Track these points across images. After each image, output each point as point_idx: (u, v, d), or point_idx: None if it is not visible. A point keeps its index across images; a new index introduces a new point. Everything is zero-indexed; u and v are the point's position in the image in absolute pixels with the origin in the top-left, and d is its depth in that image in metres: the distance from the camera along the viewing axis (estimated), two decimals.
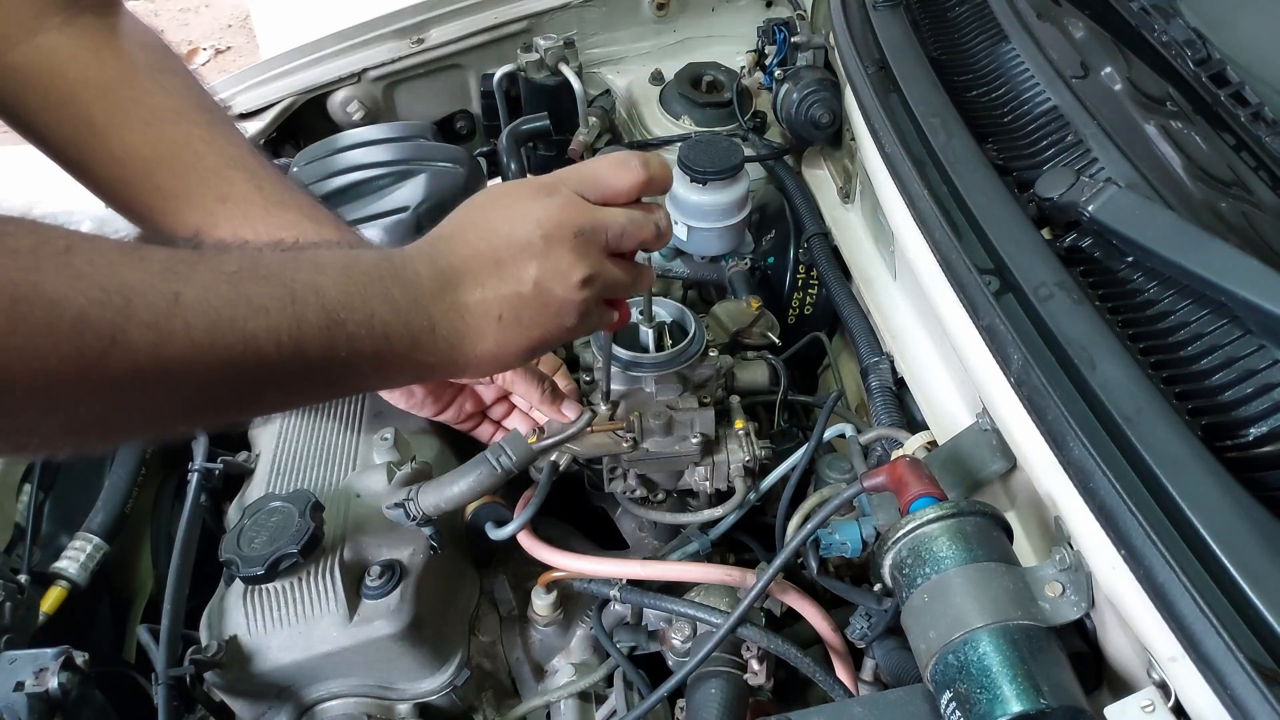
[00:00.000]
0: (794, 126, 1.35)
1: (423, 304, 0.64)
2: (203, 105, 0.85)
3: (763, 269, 1.37)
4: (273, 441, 1.00)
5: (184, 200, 0.82)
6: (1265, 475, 0.67)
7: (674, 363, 0.95)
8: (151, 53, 0.84)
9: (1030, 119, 1.04)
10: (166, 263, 0.50)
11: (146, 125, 0.80)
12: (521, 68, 1.52)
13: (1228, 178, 0.93)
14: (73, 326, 0.44)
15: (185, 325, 0.49)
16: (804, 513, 0.94)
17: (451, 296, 0.65)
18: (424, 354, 0.64)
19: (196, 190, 0.82)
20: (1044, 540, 0.79)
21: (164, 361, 0.48)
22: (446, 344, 0.65)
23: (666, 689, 0.82)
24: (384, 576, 0.84)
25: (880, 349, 1.12)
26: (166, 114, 0.81)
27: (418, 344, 0.63)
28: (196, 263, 0.52)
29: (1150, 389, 0.71)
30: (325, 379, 0.59)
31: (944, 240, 0.91)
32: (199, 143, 0.82)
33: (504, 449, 0.87)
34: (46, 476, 1.01)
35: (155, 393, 0.50)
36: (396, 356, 0.62)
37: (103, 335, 0.46)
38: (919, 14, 1.28)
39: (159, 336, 0.48)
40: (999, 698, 0.60)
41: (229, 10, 5.16)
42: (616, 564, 0.90)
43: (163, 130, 0.81)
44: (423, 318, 0.63)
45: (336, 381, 0.62)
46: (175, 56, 0.86)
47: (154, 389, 0.49)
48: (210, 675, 0.81)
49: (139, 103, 0.80)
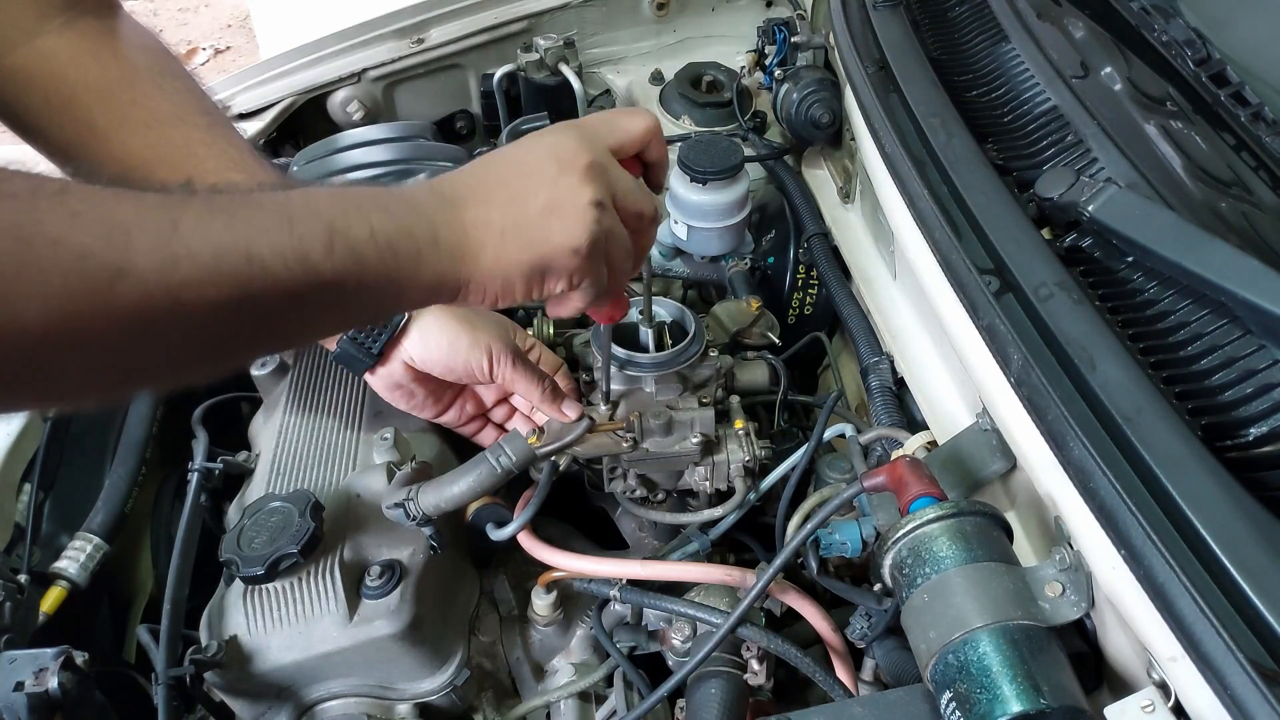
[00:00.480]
0: (794, 126, 1.35)
1: (424, 216, 0.63)
2: (203, 108, 0.85)
3: (763, 269, 1.37)
4: (273, 441, 1.00)
5: None
6: (1265, 475, 0.67)
7: (674, 363, 0.95)
8: (152, 55, 0.84)
9: (1030, 119, 1.04)
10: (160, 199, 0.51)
11: (147, 128, 0.80)
12: (521, 68, 1.52)
13: (1228, 178, 0.93)
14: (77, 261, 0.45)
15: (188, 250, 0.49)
16: (804, 513, 0.94)
17: (452, 212, 0.65)
18: (430, 268, 0.63)
19: None
20: (1044, 540, 0.79)
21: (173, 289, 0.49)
22: (450, 257, 0.64)
23: (666, 689, 0.82)
24: (384, 576, 0.84)
25: (880, 349, 1.12)
26: (167, 117, 0.81)
27: (422, 256, 0.62)
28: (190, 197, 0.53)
29: (1150, 389, 0.71)
30: (338, 299, 0.58)
31: (944, 240, 0.91)
32: (199, 145, 0.82)
33: (504, 449, 0.87)
34: (46, 476, 1.01)
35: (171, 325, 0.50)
36: (403, 271, 0.61)
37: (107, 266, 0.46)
38: (919, 14, 1.28)
39: (163, 262, 0.48)
40: (999, 698, 0.60)
41: (229, 10, 5.16)
42: (616, 564, 0.90)
43: (163, 133, 0.81)
44: (424, 228, 0.63)
45: (350, 303, 0.60)
46: (175, 59, 0.86)
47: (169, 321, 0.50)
48: (210, 675, 0.81)
49: (140, 105, 0.80)
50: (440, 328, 0.91)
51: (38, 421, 1.01)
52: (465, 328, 0.91)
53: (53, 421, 1.02)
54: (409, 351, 0.91)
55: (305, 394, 1.05)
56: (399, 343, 0.91)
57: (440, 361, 0.92)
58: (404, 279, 0.61)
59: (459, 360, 0.91)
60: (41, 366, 0.46)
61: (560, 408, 0.93)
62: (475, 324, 0.92)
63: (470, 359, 0.91)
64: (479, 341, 0.91)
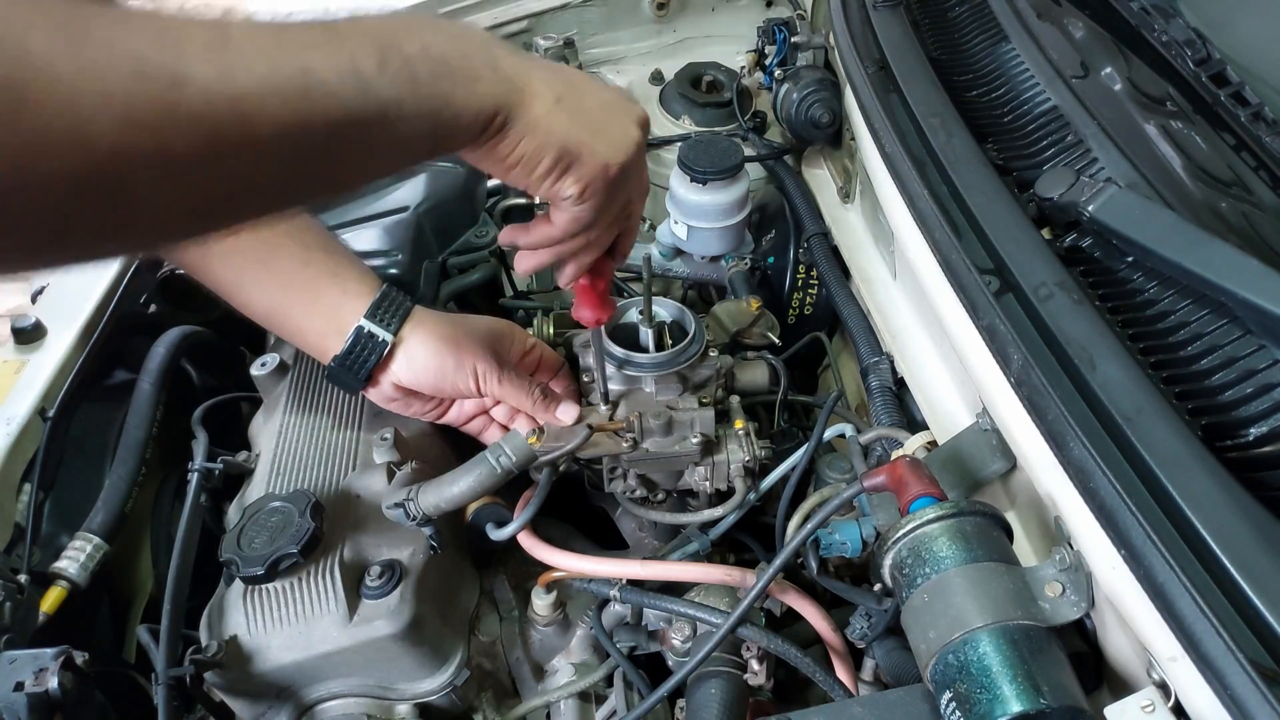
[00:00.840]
0: (794, 126, 1.35)
1: (484, 47, 0.63)
2: None
3: (763, 269, 1.37)
4: (273, 441, 1.00)
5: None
6: (1265, 475, 0.67)
7: (674, 363, 0.95)
8: None
9: (1030, 119, 1.04)
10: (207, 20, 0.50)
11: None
12: None
13: (1228, 178, 0.93)
14: (135, 64, 0.44)
15: (243, 62, 0.49)
16: (804, 513, 0.94)
17: (515, 57, 0.65)
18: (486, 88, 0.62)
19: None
20: (1044, 540, 0.79)
21: (234, 100, 0.48)
22: (506, 84, 0.64)
23: (666, 689, 0.82)
24: (384, 576, 0.84)
25: (880, 349, 1.12)
26: None
27: (478, 76, 0.62)
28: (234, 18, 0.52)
29: (1150, 389, 0.71)
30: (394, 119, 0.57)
31: (944, 240, 0.91)
32: None
33: (504, 449, 0.87)
34: (46, 476, 1.01)
35: (238, 143, 0.49)
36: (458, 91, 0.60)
37: (165, 70, 0.45)
38: (919, 14, 1.28)
39: (221, 72, 0.47)
40: (999, 698, 0.60)
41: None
42: (616, 564, 0.90)
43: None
44: (482, 55, 0.63)
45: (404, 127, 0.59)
46: None
47: (235, 137, 0.49)
48: (210, 675, 0.81)
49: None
50: (426, 351, 0.90)
51: (38, 421, 1.01)
52: (450, 350, 0.90)
53: (53, 421, 1.02)
54: (396, 375, 0.91)
55: (305, 394, 1.05)
56: (386, 366, 0.90)
57: (428, 383, 0.92)
58: (458, 101, 0.60)
59: (446, 382, 0.91)
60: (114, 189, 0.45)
61: (553, 411, 0.93)
62: (461, 345, 0.91)
63: (457, 380, 0.91)
64: (464, 364, 0.90)
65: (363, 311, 0.88)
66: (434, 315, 0.93)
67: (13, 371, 1.06)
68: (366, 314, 0.88)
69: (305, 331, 0.91)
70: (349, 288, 0.89)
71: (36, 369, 1.06)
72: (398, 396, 0.94)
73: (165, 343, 1.12)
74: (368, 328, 0.88)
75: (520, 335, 1.00)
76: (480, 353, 0.91)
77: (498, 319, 1.00)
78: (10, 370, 1.06)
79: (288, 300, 0.88)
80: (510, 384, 0.92)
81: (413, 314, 0.91)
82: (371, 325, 0.88)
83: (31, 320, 1.10)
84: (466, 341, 0.91)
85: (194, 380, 1.19)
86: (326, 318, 0.89)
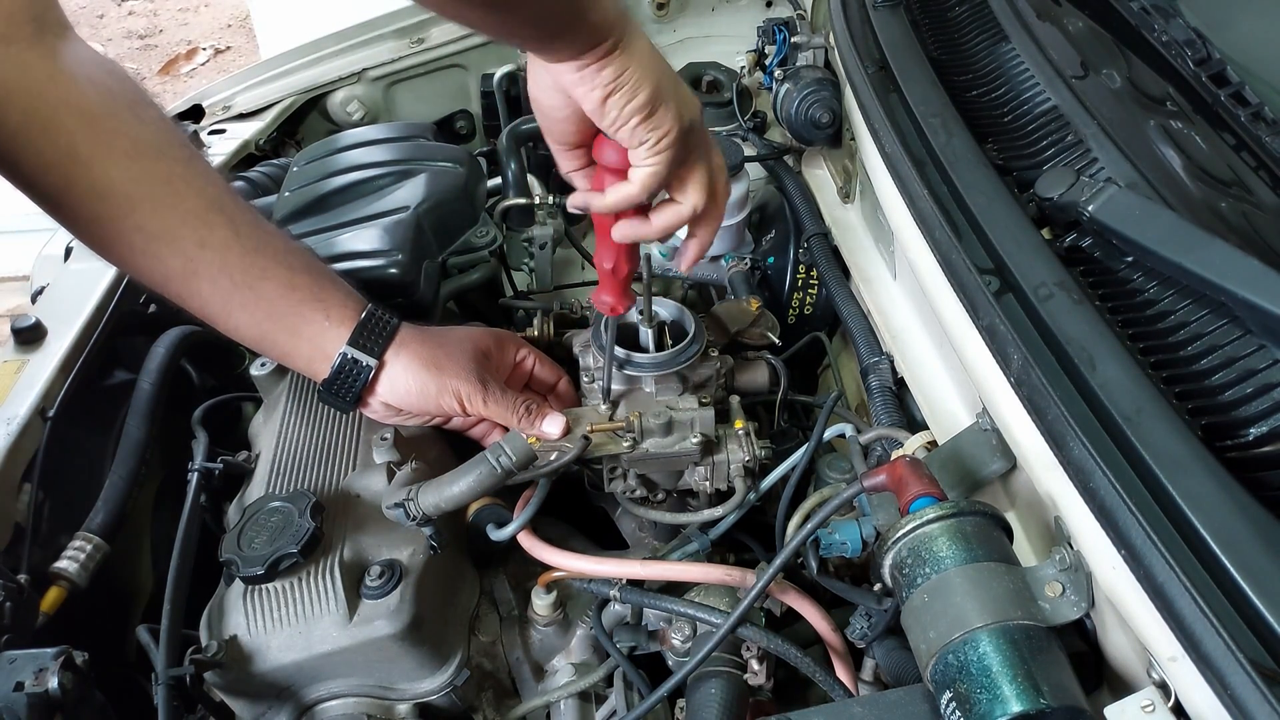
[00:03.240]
0: (794, 126, 1.35)
1: None
2: (180, 140, 0.83)
3: (763, 269, 1.37)
4: (273, 441, 1.00)
5: (165, 242, 0.80)
6: (1265, 475, 0.67)
7: (674, 363, 0.95)
8: (124, 82, 0.81)
9: (1030, 119, 1.04)
10: None
11: (130, 159, 0.78)
12: (522, 67, 1.52)
13: (1228, 178, 0.93)
14: None
15: None
16: (804, 513, 0.94)
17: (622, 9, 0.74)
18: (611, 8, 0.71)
19: (177, 232, 0.80)
20: (1044, 540, 0.79)
21: None
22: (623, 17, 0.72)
23: (666, 689, 0.82)
24: (384, 576, 0.84)
25: (880, 349, 1.12)
26: (148, 148, 0.79)
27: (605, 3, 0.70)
28: None
29: (1150, 389, 0.71)
30: None
31: (944, 240, 0.91)
32: (179, 181, 0.80)
33: (504, 449, 0.87)
34: (46, 476, 1.01)
35: None
36: None
37: None
38: (919, 14, 1.28)
39: None
40: (999, 698, 0.60)
41: (229, 10, 5.16)
42: (616, 564, 0.90)
43: (146, 165, 0.79)
44: None
45: None
46: (143, 88, 0.84)
47: None
48: (210, 675, 0.81)
49: (122, 134, 0.77)
50: (408, 375, 0.90)
51: (38, 421, 1.01)
52: (432, 375, 0.91)
53: (53, 421, 1.02)
54: (382, 396, 0.92)
55: (305, 394, 1.05)
56: (373, 389, 0.91)
57: (414, 406, 0.93)
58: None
59: (430, 404, 0.92)
60: None
61: (539, 426, 0.93)
62: (443, 369, 0.91)
63: (440, 402, 0.92)
64: (446, 388, 0.91)
65: (346, 338, 0.88)
66: (419, 335, 0.93)
67: (13, 371, 1.06)
68: (350, 340, 0.88)
69: (293, 357, 0.91)
70: (332, 313, 0.89)
71: (36, 369, 1.06)
72: (390, 414, 0.94)
73: (165, 343, 1.12)
74: (351, 354, 0.88)
75: (510, 347, 1.00)
76: (463, 374, 0.91)
77: (488, 329, 1.00)
78: (10, 370, 1.06)
79: (274, 327, 0.88)
80: (495, 403, 0.92)
81: (398, 335, 0.91)
82: (355, 351, 0.88)
83: (31, 320, 1.10)
84: (449, 363, 0.92)
85: (194, 380, 1.19)
86: (312, 344, 0.89)
